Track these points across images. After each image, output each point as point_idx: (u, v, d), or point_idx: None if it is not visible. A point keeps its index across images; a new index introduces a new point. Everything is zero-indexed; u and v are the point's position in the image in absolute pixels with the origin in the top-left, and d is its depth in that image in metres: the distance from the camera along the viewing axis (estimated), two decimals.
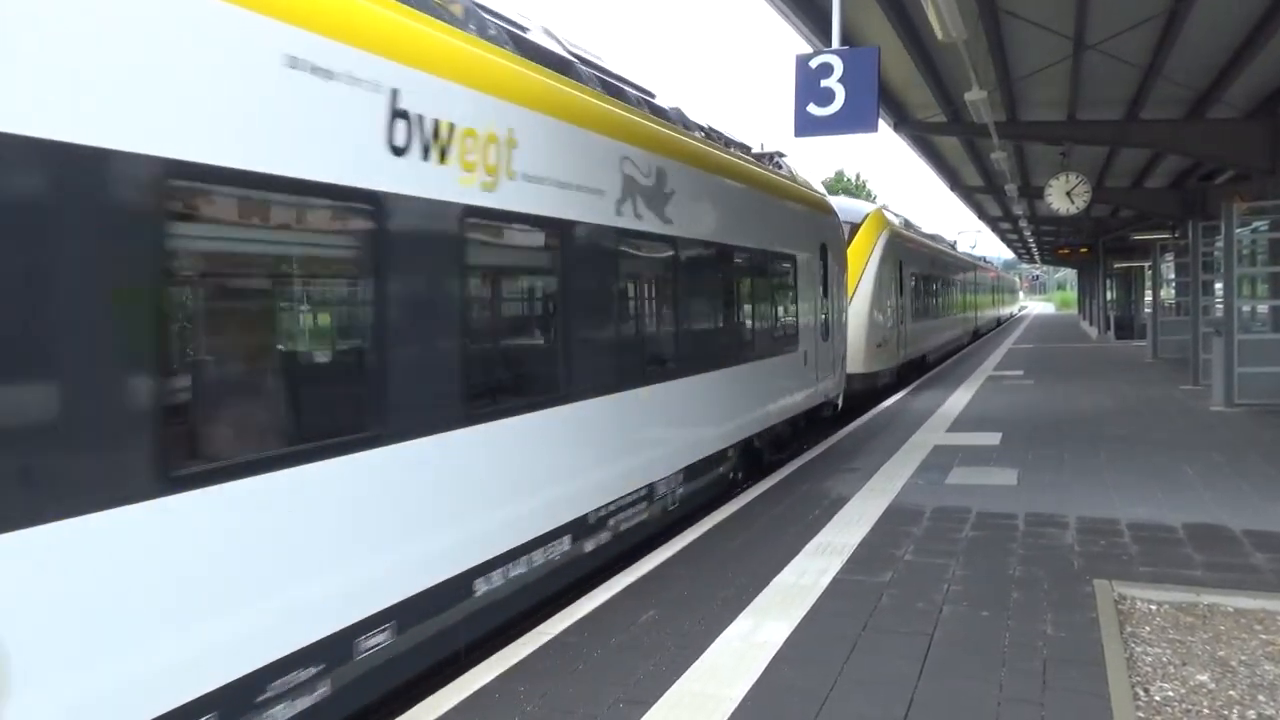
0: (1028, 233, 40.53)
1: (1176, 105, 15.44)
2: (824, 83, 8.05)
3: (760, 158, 11.71)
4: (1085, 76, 13.85)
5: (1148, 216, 28.32)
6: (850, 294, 16.22)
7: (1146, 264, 32.27)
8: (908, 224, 24.96)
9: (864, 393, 16.64)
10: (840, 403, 13.96)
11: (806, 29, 11.23)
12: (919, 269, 23.19)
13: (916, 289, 22.61)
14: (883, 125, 15.30)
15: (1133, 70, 13.29)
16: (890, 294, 18.84)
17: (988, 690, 4.42)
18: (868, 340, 16.98)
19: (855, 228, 17.82)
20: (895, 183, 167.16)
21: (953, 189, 27.20)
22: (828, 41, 8.37)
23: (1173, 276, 26.38)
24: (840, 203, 17.39)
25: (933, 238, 29.85)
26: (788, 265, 11.43)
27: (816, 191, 13.92)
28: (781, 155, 12.70)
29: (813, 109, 8.07)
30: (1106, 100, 15.42)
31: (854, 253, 16.93)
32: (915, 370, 21.97)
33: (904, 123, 16.81)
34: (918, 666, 4.71)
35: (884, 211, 20.14)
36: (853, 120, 8.05)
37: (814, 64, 8.07)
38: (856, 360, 16.16)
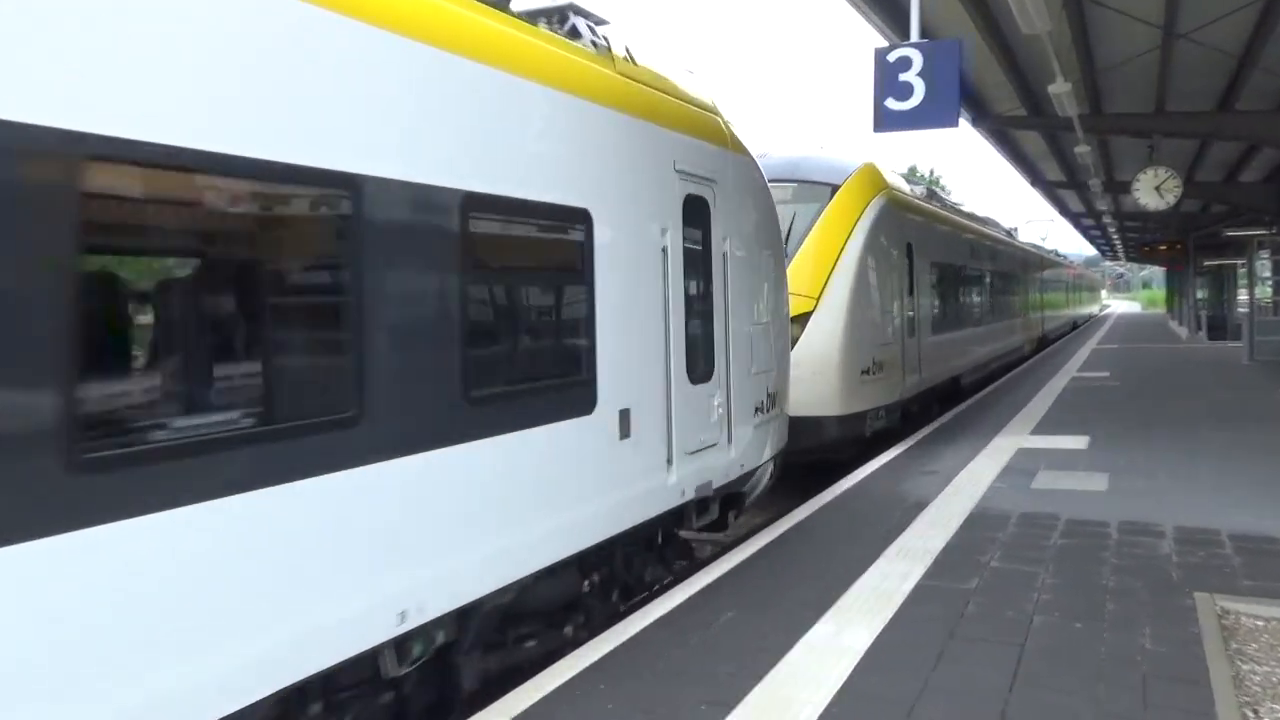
0: (1112, 229, 39.18)
1: (1273, 96, 14.73)
2: (902, 77, 7.91)
3: (534, 15, 5.82)
4: (1175, 67, 13.31)
5: (1242, 212, 27.10)
6: (819, 293, 11.00)
7: (1240, 261, 30.91)
8: (931, 194, 17.86)
9: (846, 444, 11.06)
10: (759, 488, 8.04)
11: (882, 22, 11.06)
12: (943, 257, 16.21)
13: (940, 286, 15.96)
14: (960, 120, 14.51)
15: (1226, 60, 12.73)
16: (891, 292, 12.68)
17: (1084, 706, 4.25)
18: (844, 365, 10.93)
19: (833, 191, 11.87)
20: (972, 179, 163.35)
21: (1033, 185, 26.46)
22: (904, 35, 8.22)
23: (1269, 274, 25.19)
24: (814, 157, 12.83)
25: (977, 219, 21.96)
26: (564, 232, 5.50)
27: (688, 97, 7.10)
28: (593, 21, 6.29)
29: (891, 103, 7.93)
30: (1198, 91, 14.80)
31: (826, 230, 11.49)
32: (944, 400, 15.66)
33: (983, 117, 16.39)
34: (1009, 678, 4.56)
35: (878, 169, 12.98)
36: (933, 115, 7.89)
37: (892, 58, 7.93)
38: (827, 397, 10.70)
